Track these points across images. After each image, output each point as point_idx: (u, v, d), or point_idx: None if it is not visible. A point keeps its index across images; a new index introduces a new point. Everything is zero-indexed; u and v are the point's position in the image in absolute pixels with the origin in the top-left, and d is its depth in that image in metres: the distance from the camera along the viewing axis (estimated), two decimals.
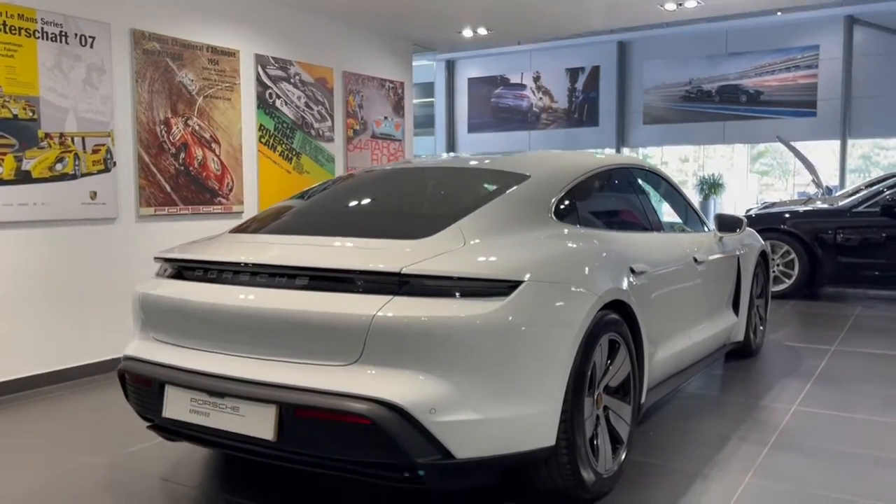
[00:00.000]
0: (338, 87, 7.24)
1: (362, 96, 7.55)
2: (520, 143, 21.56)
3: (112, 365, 4.84)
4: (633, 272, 3.17)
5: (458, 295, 2.44)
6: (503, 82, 22.57)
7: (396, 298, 2.41)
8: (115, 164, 5.15)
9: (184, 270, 2.95)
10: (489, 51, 21.65)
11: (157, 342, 2.89)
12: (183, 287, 2.88)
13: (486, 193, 3.17)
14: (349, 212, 3.47)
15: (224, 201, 6.00)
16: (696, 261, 4.01)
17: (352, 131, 7.44)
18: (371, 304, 2.40)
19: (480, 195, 3.19)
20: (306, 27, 6.87)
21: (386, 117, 7.93)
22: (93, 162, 4.99)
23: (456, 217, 2.83)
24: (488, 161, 3.70)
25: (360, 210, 3.51)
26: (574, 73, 21.51)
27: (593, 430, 2.82)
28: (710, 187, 19.84)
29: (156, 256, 3.09)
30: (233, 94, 6.06)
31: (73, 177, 4.87)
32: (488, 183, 3.34)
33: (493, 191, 3.16)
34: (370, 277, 2.48)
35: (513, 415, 2.46)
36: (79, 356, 4.98)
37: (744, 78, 18.97)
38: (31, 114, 4.62)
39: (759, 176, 21.47)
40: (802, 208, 8.33)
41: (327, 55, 7.11)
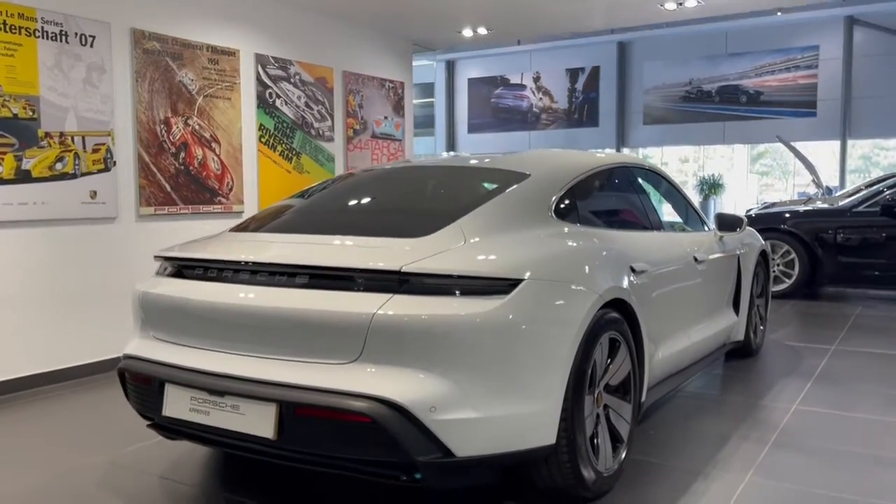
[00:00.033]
0: (338, 87, 7.24)
1: (362, 96, 7.55)
2: (520, 143, 21.56)
3: (112, 364, 4.83)
4: (633, 271, 3.17)
5: (459, 293, 2.43)
6: (503, 82, 22.58)
7: (396, 297, 2.41)
8: (115, 163, 5.15)
9: (184, 269, 2.95)
10: (489, 51, 21.66)
11: (157, 341, 2.89)
12: (183, 286, 2.88)
13: (487, 192, 3.16)
14: (349, 210, 3.47)
15: (224, 201, 6.00)
16: (696, 260, 4.01)
17: (352, 131, 7.44)
18: (371, 303, 2.40)
19: (480, 194, 3.18)
20: (306, 27, 6.87)
21: (386, 117, 7.93)
22: (93, 161, 4.99)
23: (456, 215, 2.83)
24: (488, 160, 3.70)
25: (360, 209, 3.50)
26: (574, 74, 21.52)
27: (594, 429, 2.82)
28: (710, 188, 19.85)
29: (156, 255, 3.09)
30: (233, 93, 6.06)
31: (73, 176, 4.87)
32: (488, 182, 3.34)
33: (494, 189, 3.16)
34: (370, 276, 2.48)
35: (513, 413, 2.46)
36: (79, 355, 4.98)
37: (744, 78, 18.98)
38: (31, 113, 4.62)
39: (758, 176, 21.47)
40: (803, 208, 8.32)
41: (327, 55, 7.11)
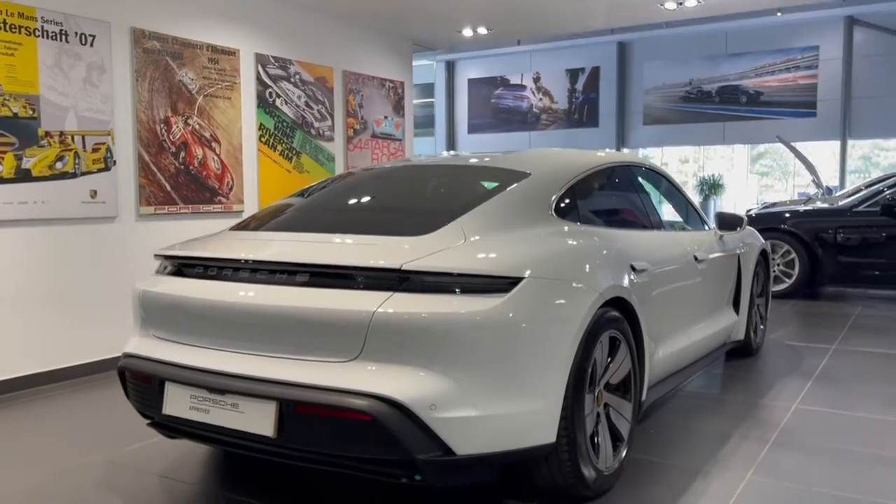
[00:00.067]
0: (338, 87, 7.24)
1: (362, 96, 7.55)
2: (520, 143, 21.56)
3: (112, 363, 4.83)
4: (633, 270, 3.16)
5: (459, 291, 2.43)
6: (503, 83, 22.58)
7: (397, 295, 2.41)
8: (115, 162, 5.14)
9: (184, 267, 2.95)
10: (489, 51, 21.66)
11: (157, 339, 2.89)
12: (183, 284, 2.87)
13: (487, 191, 3.16)
14: (349, 209, 3.47)
15: (224, 200, 6.00)
16: (696, 259, 4.01)
17: (352, 131, 7.44)
18: (371, 301, 2.40)
19: (481, 192, 3.18)
20: (306, 26, 6.87)
21: (386, 117, 7.93)
22: (93, 161, 4.99)
23: (456, 214, 2.83)
24: (488, 159, 3.69)
25: (361, 207, 3.50)
26: (574, 74, 21.52)
27: (594, 428, 2.82)
28: (710, 188, 19.85)
29: (156, 253, 3.09)
30: (233, 93, 6.06)
31: (73, 175, 4.87)
32: (489, 180, 3.33)
33: (494, 188, 3.16)
34: (370, 274, 2.47)
35: (513, 411, 2.46)
36: (78, 355, 4.98)
37: (744, 78, 18.98)
38: (31, 112, 4.62)
39: (759, 177, 21.47)
40: (803, 208, 8.32)
41: (327, 54, 7.11)
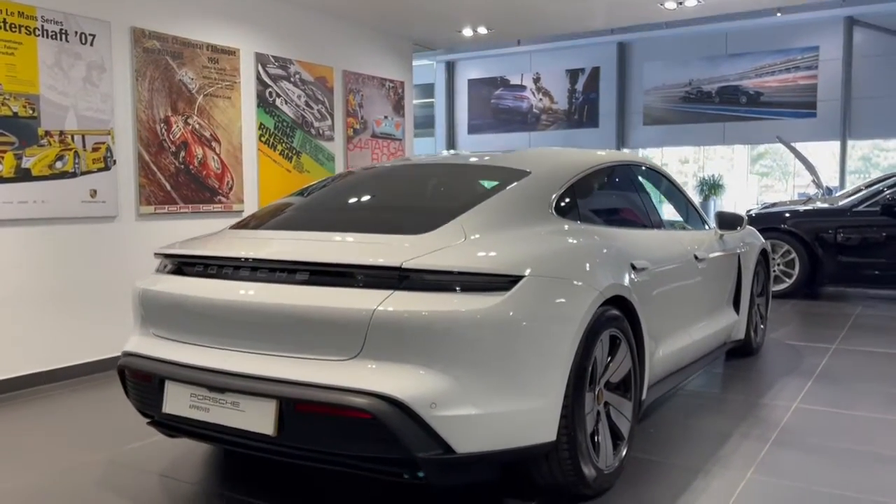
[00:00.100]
0: (338, 86, 7.24)
1: (362, 95, 7.55)
2: (520, 144, 21.57)
3: (112, 363, 4.83)
4: (633, 268, 3.16)
5: (459, 289, 2.43)
6: (503, 83, 22.59)
7: (397, 293, 2.41)
8: (115, 162, 5.14)
9: (184, 266, 2.95)
10: (489, 52, 21.68)
11: (157, 338, 2.89)
12: (183, 283, 2.87)
13: (487, 189, 3.16)
14: (349, 208, 3.47)
15: (224, 200, 6.00)
16: (696, 258, 4.00)
17: (352, 130, 7.43)
18: (371, 299, 2.40)
19: (481, 191, 3.18)
20: (306, 26, 6.87)
21: (386, 116, 7.93)
22: (93, 160, 4.99)
23: (456, 212, 2.83)
24: (488, 158, 3.69)
25: (361, 206, 3.50)
26: (574, 75, 21.53)
27: (594, 426, 2.82)
28: (710, 188, 19.85)
29: (156, 252, 3.09)
30: (233, 92, 6.06)
31: (73, 175, 4.87)
32: (489, 179, 3.33)
33: (494, 187, 3.16)
34: (371, 272, 2.47)
35: (513, 409, 2.46)
36: (78, 354, 4.98)
37: (744, 79, 18.99)
38: (31, 112, 4.62)
39: (759, 177, 21.48)
40: (803, 208, 8.32)
41: (327, 54, 7.11)
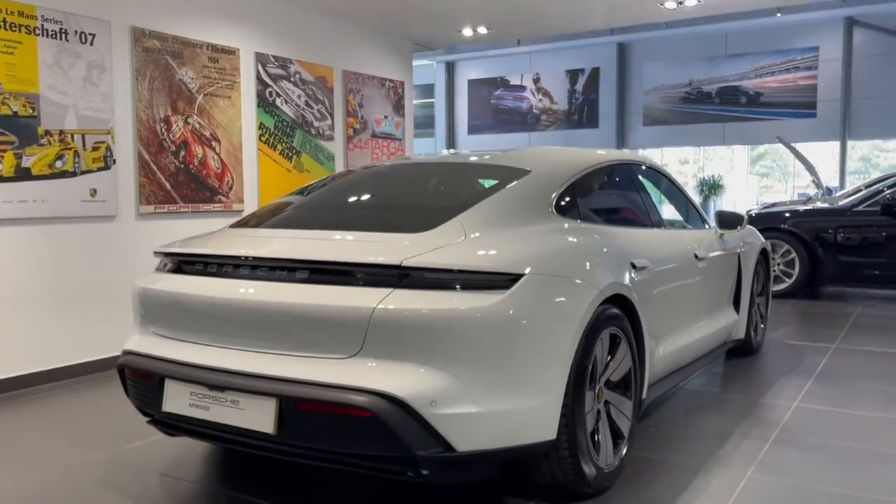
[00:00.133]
0: (338, 86, 7.24)
1: (362, 95, 7.55)
2: (519, 144, 21.56)
3: (112, 362, 4.83)
4: (634, 267, 3.16)
5: (459, 288, 2.43)
6: (503, 84, 22.60)
7: (397, 291, 2.40)
8: (114, 161, 5.14)
9: (184, 265, 2.94)
10: (489, 52, 21.69)
11: (157, 336, 2.88)
12: (183, 281, 2.87)
13: (487, 188, 3.16)
14: (349, 206, 3.47)
15: (224, 199, 6.00)
16: (696, 257, 4.00)
17: (352, 130, 7.43)
18: (371, 297, 2.40)
19: (481, 190, 3.18)
20: (306, 26, 6.87)
21: (386, 116, 7.93)
22: (93, 159, 4.99)
23: (456, 211, 2.83)
24: (488, 156, 3.69)
25: (361, 205, 3.50)
26: (574, 75, 21.54)
27: (594, 425, 2.82)
28: (709, 189, 19.87)
29: (156, 251, 3.09)
30: (233, 92, 6.06)
31: (73, 174, 4.87)
32: (489, 178, 3.33)
33: (494, 185, 3.16)
34: (370, 270, 2.47)
35: (514, 408, 2.45)
36: (79, 354, 4.97)
37: (744, 79, 19.00)
38: (31, 111, 4.62)
39: (758, 178, 21.48)
40: (803, 207, 8.32)
41: (327, 54, 7.11)
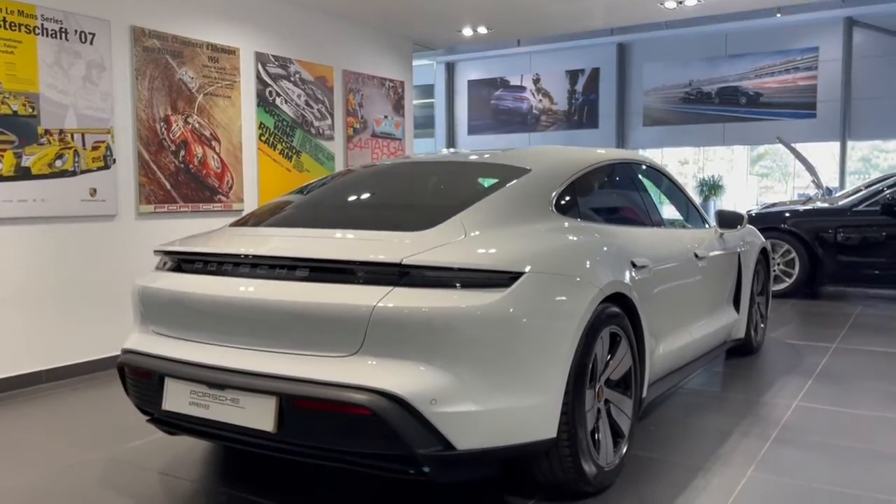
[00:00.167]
0: (338, 86, 7.24)
1: (362, 95, 7.55)
2: (519, 144, 21.52)
3: (112, 362, 4.83)
4: (634, 266, 3.16)
5: (459, 286, 2.42)
6: (503, 84, 22.61)
7: (397, 289, 2.40)
8: (114, 161, 5.14)
9: (183, 263, 2.94)
10: (489, 53, 21.70)
11: (157, 335, 2.88)
12: (183, 280, 2.87)
13: (487, 187, 3.16)
14: (349, 205, 3.47)
15: (224, 199, 6.00)
16: (696, 256, 4.00)
17: (352, 130, 7.43)
18: (372, 295, 2.39)
19: (481, 188, 3.18)
20: (306, 25, 6.87)
21: (386, 116, 7.93)
22: (92, 159, 4.99)
23: (456, 209, 2.82)
24: (488, 155, 3.69)
25: (361, 203, 3.50)
26: (574, 75, 21.55)
27: (594, 424, 2.81)
28: (709, 189, 19.87)
29: (156, 249, 3.09)
30: (233, 91, 6.06)
31: (73, 173, 4.87)
32: (489, 177, 3.33)
33: (494, 184, 3.16)
34: (371, 268, 2.47)
35: (514, 406, 2.45)
36: (79, 353, 4.97)
37: (743, 80, 19.01)
38: (30, 110, 4.62)
39: (758, 178, 21.49)
40: (803, 207, 8.31)
41: (327, 54, 7.11)
